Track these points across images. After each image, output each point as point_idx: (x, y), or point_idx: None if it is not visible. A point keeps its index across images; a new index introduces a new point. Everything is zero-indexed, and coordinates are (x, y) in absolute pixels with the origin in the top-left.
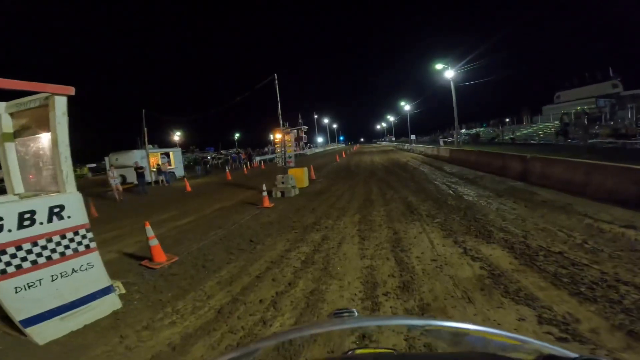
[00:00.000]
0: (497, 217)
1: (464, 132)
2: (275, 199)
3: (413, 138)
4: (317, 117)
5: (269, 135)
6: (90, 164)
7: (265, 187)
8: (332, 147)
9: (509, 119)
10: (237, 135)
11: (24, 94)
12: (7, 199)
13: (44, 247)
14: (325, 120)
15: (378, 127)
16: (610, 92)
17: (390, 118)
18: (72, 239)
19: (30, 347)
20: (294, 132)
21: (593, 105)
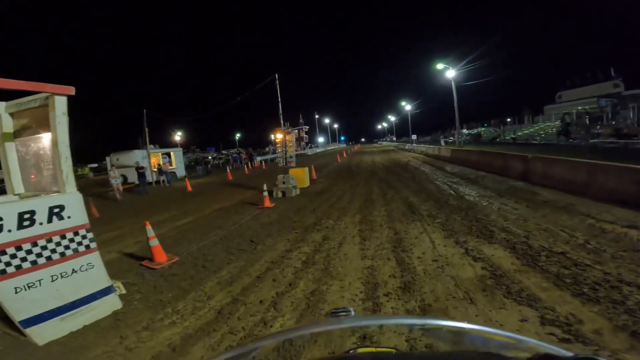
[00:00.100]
0: (498, 217)
1: (465, 132)
2: (276, 199)
3: (414, 138)
4: (318, 117)
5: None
6: (92, 164)
7: (266, 187)
8: (333, 147)
9: (510, 119)
10: (238, 135)
11: (24, 94)
12: (7, 199)
13: (44, 247)
14: (326, 120)
15: (379, 127)
16: (612, 91)
17: (391, 118)
18: (72, 239)
19: (30, 347)
20: (295, 132)
21: (594, 105)
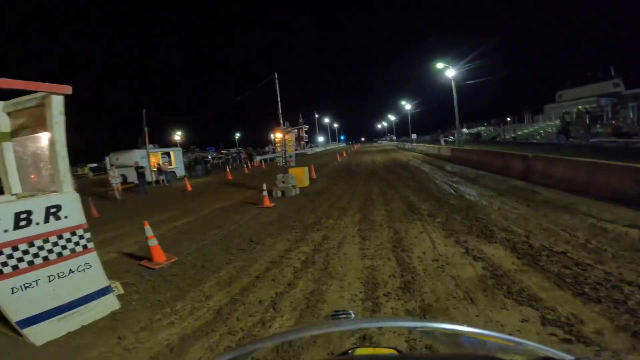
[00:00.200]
0: (499, 216)
1: (465, 131)
2: (276, 199)
3: (414, 137)
4: (317, 116)
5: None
6: (91, 164)
7: (266, 186)
8: (332, 146)
9: (510, 118)
10: (237, 135)
11: (22, 94)
12: (4, 199)
13: (41, 247)
14: (326, 120)
15: (379, 126)
16: (612, 91)
17: (391, 117)
18: (69, 239)
19: (28, 347)
20: (295, 131)
21: (594, 104)
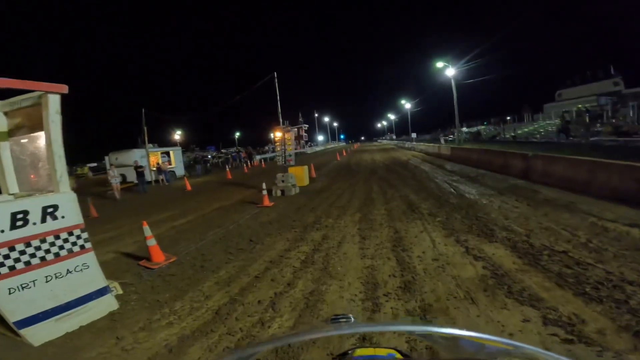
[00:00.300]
0: (499, 215)
1: (465, 130)
2: (276, 198)
3: (414, 136)
4: (317, 115)
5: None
6: (91, 164)
7: (265, 185)
8: (332, 145)
9: (510, 117)
10: (237, 134)
11: (19, 93)
12: (0, 199)
13: (38, 247)
14: (326, 119)
15: (379, 125)
16: (612, 90)
17: (391, 116)
18: (66, 240)
19: (26, 348)
20: (294, 130)
21: (594, 103)
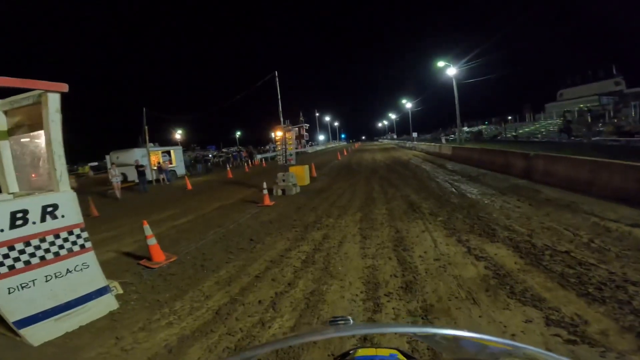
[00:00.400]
0: (501, 215)
1: (466, 129)
2: (276, 197)
3: (415, 136)
4: (318, 115)
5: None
6: (92, 163)
7: (266, 185)
8: (333, 145)
9: (512, 117)
10: (238, 134)
11: (19, 92)
12: (0, 198)
13: (37, 247)
14: (327, 118)
15: (379, 125)
16: (613, 89)
17: (392, 116)
18: (66, 239)
19: (26, 348)
20: (295, 129)
21: (596, 103)
